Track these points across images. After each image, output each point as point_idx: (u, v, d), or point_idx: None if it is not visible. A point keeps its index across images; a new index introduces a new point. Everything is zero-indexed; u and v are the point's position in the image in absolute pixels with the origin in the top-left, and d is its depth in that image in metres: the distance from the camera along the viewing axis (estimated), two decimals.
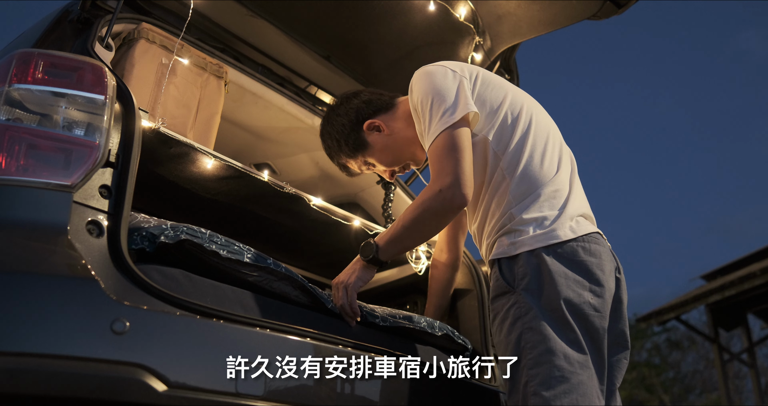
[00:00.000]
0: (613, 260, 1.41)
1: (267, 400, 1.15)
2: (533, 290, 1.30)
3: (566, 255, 1.32)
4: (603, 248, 1.38)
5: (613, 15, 2.00)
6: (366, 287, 2.53)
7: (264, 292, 1.41)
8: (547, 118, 1.56)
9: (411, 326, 1.67)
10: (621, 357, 1.42)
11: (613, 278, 1.38)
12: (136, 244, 1.28)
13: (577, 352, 1.25)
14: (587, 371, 1.24)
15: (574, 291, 1.28)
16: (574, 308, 1.27)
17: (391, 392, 1.38)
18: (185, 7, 1.93)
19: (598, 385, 1.26)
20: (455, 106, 1.39)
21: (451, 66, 1.50)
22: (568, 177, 1.47)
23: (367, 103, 1.66)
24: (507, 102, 1.49)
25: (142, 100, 1.71)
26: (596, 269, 1.33)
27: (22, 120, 1.15)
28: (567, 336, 1.26)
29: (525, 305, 1.29)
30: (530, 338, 1.27)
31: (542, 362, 1.24)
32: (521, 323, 1.29)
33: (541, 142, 1.46)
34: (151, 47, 1.76)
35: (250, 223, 2.10)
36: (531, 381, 1.24)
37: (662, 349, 18.86)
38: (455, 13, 2.19)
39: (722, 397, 8.81)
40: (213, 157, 1.65)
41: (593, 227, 1.41)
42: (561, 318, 1.26)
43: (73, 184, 1.13)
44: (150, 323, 1.08)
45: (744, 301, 8.33)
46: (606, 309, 1.32)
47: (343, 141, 1.65)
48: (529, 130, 1.46)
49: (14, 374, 0.95)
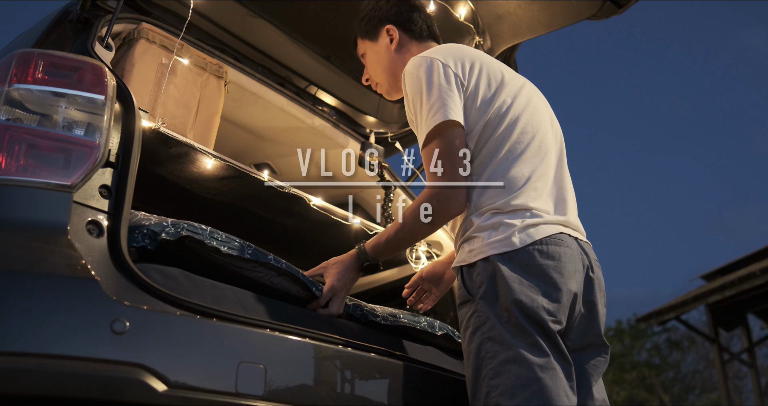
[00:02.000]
0: (579, 259, 1.38)
1: (267, 400, 1.15)
2: (489, 297, 1.30)
3: (521, 260, 1.30)
4: (566, 248, 1.35)
5: (613, 15, 2.00)
6: (366, 287, 2.55)
7: (264, 288, 1.41)
8: (540, 114, 1.52)
9: (411, 325, 1.67)
10: (598, 357, 1.42)
11: (576, 279, 1.35)
12: (138, 242, 1.28)
13: (537, 355, 1.25)
14: (549, 372, 1.24)
15: (528, 296, 1.27)
16: (528, 312, 1.26)
17: (391, 392, 1.38)
18: (185, 7, 1.93)
19: (565, 383, 1.26)
20: (445, 109, 1.37)
21: (445, 58, 1.45)
22: (545, 179, 1.43)
23: (409, 20, 1.69)
24: (498, 100, 1.44)
25: (142, 100, 1.71)
26: (553, 272, 1.31)
27: (22, 120, 1.15)
28: (525, 341, 1.26)
29: (483, 314, 1.30)
30: (490, 348, 1.28)
31: (502, 372, 1.25)
32: (480, 333, 1.30)
33: (521, 146, 1.42)
34: (151, 47, 1.76)
35: (250, 223, 2.10)
36: (492, 392, 1.25)
37: (662, 349, 18.88)
38: (455, 13, 2.19)
39: (722, 397, 8.81)
40: (213, 157, 1.65)
41: (559, 227, 1.37)
42: (516, 324, 1.26)
43: (73, 184, 1.13)
44: (150, 323, 1.08)
45: (744, 301, 8.33)
46: (562, 312, 1.31)
47: (367, 18, 1.72)
48: (511, 131, 1.42)
49: (14, 374, 0.95)
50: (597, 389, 1.40)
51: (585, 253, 1.41)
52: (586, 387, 1.38)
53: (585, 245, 1.43)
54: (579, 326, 1.38)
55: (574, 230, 1.42)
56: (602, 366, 1.42)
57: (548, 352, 1.26)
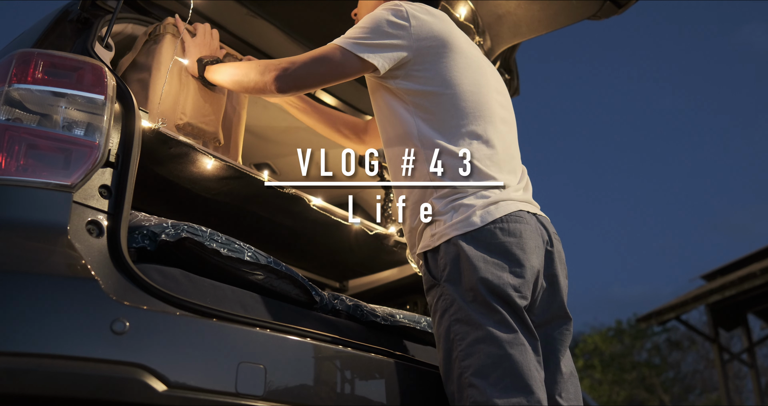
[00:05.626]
0: (538, 235, 1.39)
1: (267, 400, 1.15)
2: (454, 279, 1.31)
3: (484, 239, 1.31)
4: (525, 225, 1.36)
5: (613, 15, 2.01)
6: (366, 287, 2.55)
7: (264, 290, 1.41)
8: (495, 85, 1.52)
9: (411, 325, 1.67)
10: (563, 329, 1.43)
11: (537, 254, 1.37)
12: (137, 242, 1.28)
13: (506, 332, 1.26)
14: (518, 348, 1.26)
15: (493, 274, 1.29)
16: (495, 290, 1.28)
17: (391, 392, 1.38)
18: (185, 7, 1.93)
19: (533, 357, 1.28)
20: (367, 42, 1.41)
21: (412, 11, 1.45)
22: (501, 153, 1.43)
23: None
24: (453, 69, 1.43)
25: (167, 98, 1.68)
26: (516, 249, 1.32)
27: (22, 120, 1.15)
28: (492, 318, 1.27)
29: (449, 297, 1.31)
30: (458, 330, 1.29)
31: (472, 352, 1.26)
32: (448, 316, 1.31)
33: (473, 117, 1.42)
34: (178, 42, 1.76)
35: (250, 223, 2.10)
36: (465, 372, 1.26)
37: (662, 349, 18.87)
38: (455, 13, 2.19)
39: (722, 397, 8.81)
40: (213, 157, 1.65)
41: (518, 204, 1.38)
42: (483, 302, 1.27)
43: (73, 184, 1.13)
44: (150, 323, 1.08)
45: (744, 301, 8.33)
46: (527, 288, 1.32)
47: None
48: (459, 100, 1.41)
49: (14, 374, 0.95)
50: (564, 363, 1.42)
51: (544, 227, 1.43)
52: (554, 362, 1.39)
53: (543, 220, 1.44)
54: (542, 301, 1.40)
55: (532, 206, 1.44)
56: (567, 338, 1.44)
57: (516, 328, 1.28)
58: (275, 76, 1.44)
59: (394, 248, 2.18)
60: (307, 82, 1.46)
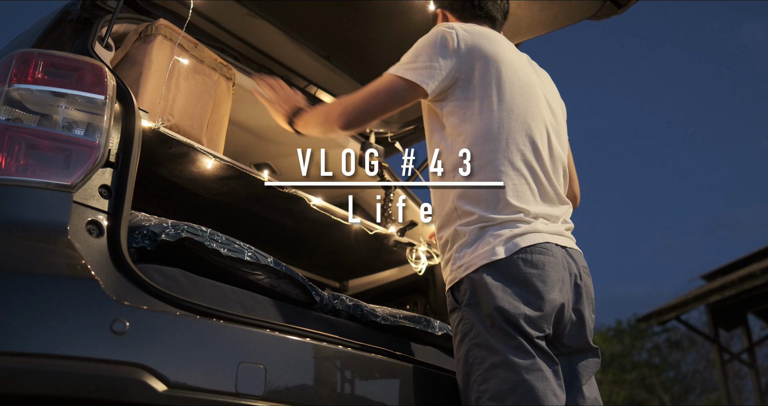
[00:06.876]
0: (564, 268, 1.38)
1: (267, 400, 1.15)
2: (473, 304, 1.33)
3: (506, 269, 1.32)
4: (550, 257, 1.35)
5: (613, 15, 2.01)
6: (366, 287, 2.55)
7: (264, 290, 1.41)
8: (544, 113, 1.50)
9: (411, 325, 1.67)
10: (589, 359, 1.44)
11: (560, 288, 1.35)
12: (137, 242, 1.28)
13: (523, 358, 1.27)
14: (535, 374, 1.27)
15: (510, 303, 1.29)
16: (510, 319, 1.29)
17: (391, 392, 1.38)
18: (185, 7, 1.93)
19: (553, 382, 1.29)
20: (415, 66, 1.42)
21: (462, 33, 1.45)
22: (536, 183, 1.42)
23: (463, 7, 1.61)
24: (494, 94, 1.42)
25: (155, 97, 1.69)
26: (536, 281, 1.32)
27: (22, 120, 1.15)
28: (509, 344, 1.28)
29: (469, 321, 1.33)
30: (477, 354, 1.31)
31: (490, 377, 1.28)
32: (468, 340, 1.33)
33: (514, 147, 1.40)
34: (169, 44, 1.76)
35: (250, 223, 2.10)
36: (482, 397, 1.28)
37: (662, 349, 18.87)
38: None
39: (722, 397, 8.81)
40: (213, 157, 1.65)
41: (546, 236, 1.37)
42: (500, 328, 1.29)
43: (73, 184, 1.13)
44: (150, 323, 1.08)
45: (744, 301, 8.32)
46: (545, 320, 1.32)
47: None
48: (499, 131, 1.40)
49: (14, 374, 0.96)
50: (588, 389, 1.41)
51: (574, 260, 1.42)
52: (576, 387, 1.40)
53: (573, 253, 1.43)
54: (570, 333, 1.40)
55: (564, 238, 1.42)
56: (593, 367, 1.44)
57: (533, 353, 1.28)
58: (337, 117, 1.48)
59: (394, 248, 2.18)
60: (366, 118, 1.48)
